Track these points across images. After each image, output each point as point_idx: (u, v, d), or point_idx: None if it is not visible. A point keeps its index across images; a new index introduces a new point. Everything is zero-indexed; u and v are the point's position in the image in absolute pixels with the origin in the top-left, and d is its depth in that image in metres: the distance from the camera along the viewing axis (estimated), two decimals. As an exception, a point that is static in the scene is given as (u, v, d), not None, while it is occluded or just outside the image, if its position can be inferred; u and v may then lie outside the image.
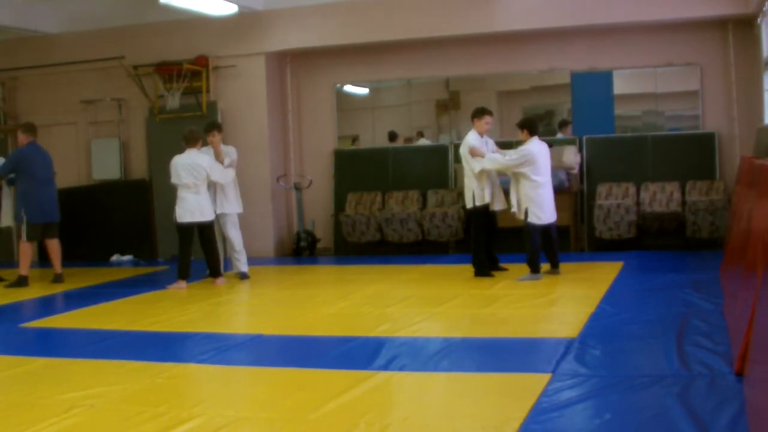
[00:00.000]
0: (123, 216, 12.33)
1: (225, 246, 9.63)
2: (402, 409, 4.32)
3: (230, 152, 9.55)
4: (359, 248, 11.62)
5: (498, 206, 8.83)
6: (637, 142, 10.99)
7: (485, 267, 8.74)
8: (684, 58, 10.83)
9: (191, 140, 9.10)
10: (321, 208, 12.19)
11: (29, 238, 9.74)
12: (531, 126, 8.52)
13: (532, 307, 7.00)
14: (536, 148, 8.37)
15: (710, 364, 4.75)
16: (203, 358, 5.60)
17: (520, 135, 8.55)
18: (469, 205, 8.77)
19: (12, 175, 9.86)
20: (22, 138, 9.92)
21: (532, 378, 4.65)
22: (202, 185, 9.04)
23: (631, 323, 6.11)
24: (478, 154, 8.56)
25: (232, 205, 9.47)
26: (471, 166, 8.61)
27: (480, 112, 8.87)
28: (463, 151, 8.73)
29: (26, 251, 9.74)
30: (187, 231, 9.11)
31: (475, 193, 8.65)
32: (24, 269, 9.66)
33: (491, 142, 8.92)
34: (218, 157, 9.31)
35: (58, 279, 9.84)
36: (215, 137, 9.48)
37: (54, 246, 9.96)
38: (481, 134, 8.77)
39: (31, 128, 10.02)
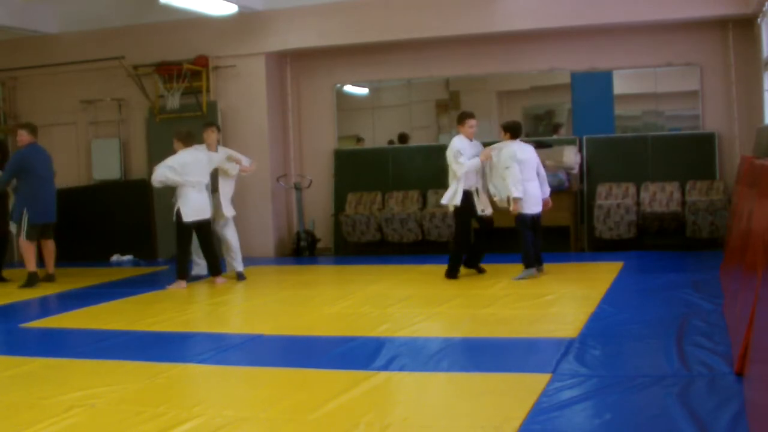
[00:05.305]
0: (123, 216, 12.33)
1: (221, 246, 9.64)
2: (402, 409, 4.32)
3: (232, 154, 9.60)
4: (359, 248, 11.62)
5: (489, 210, 8.87)
6: (637, 142, 10.99)
7: (457, 269, 8.79)
8: (684, 58, 10.82)
9: (188, 139, 9.12)
10: (321, 208, 12.19)
11: (28, 238, 9.71)
12: (513, 130, 8.71)
13: (532, 307, 6.99)
14: (515, 149, 8.51)
15: (710, 364, 4.75)
16: (203, 358, 5.60)
17: (503, 136, 8.71)
18: (444, 201, 8.81)
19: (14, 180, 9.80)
20: (25, 138, 9.79)
21: (532, 378, 4.65)
22: (204, 183, 9.11)
23: (631, 323, 6.10)
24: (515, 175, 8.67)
25: (228, 209, 9.51)
26: (453, 170, 8.65)
27: (463, 117, 8.89)
28: (450, 155, 8.74)
29: (28, 248, 9.71)
30: (189, 230, 9.12)
31: (454, 193, 8.70)
32: (31, 266, 9.65)
33: (479, 145, 8.91)
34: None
35: (49, 278, 9.82)
36: (213, 133, 9.49)
37: (50, 247, 9.99)
38: (469, 138, 8.76)
39: (34, 129, 9.98)
